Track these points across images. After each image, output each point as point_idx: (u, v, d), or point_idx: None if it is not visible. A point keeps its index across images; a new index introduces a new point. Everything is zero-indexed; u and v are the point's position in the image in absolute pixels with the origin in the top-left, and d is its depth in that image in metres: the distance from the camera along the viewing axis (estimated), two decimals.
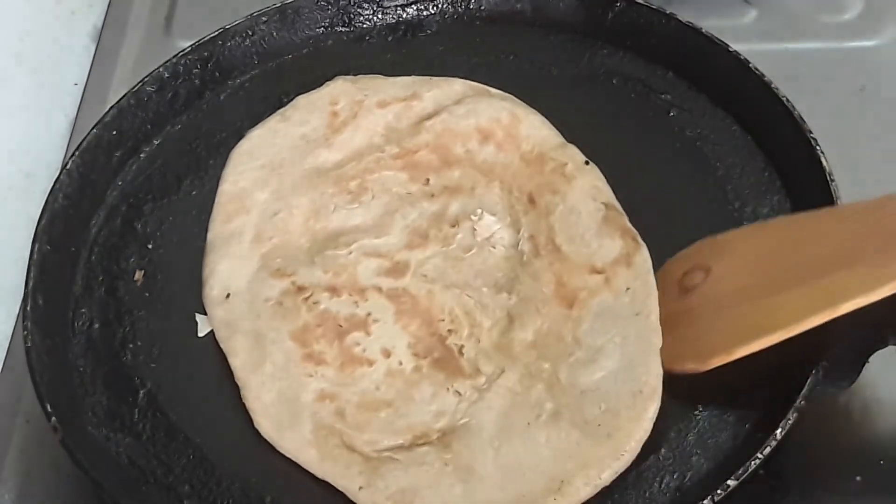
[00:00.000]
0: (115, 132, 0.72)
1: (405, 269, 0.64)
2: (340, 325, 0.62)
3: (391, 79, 0.73)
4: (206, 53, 0.75)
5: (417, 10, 0.79)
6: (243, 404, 0.61)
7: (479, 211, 0.66)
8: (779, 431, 0.55)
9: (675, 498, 0.57)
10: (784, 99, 0.67)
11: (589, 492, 0.56)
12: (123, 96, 0.73)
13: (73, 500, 0.65)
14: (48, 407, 0.59)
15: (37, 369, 0.61)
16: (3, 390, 0.71)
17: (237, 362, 0.62)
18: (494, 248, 0.65)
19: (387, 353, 0.61)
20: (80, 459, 0.58)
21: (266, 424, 0.60)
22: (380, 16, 0.79)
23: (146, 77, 0.73)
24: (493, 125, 0.69)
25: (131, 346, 0.65)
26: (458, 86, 0.72)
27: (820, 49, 0.83)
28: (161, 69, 0.74)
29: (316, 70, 0.75)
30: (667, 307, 0.61)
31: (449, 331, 0.62)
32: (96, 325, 0.65)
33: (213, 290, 0.65)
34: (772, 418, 0.57)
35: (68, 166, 0.69)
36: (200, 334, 0.64)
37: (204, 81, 0.76)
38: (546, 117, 0.71)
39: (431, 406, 0.59)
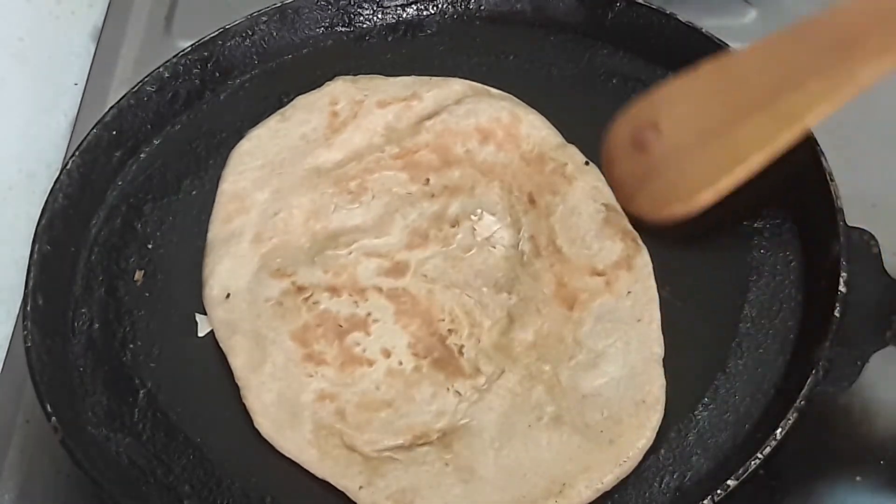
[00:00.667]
0: (115, 132, 0.72)
1: (405, 269, 0.64)
2: (340, 325, 0.62)
3: (391, 79, 0.73)
4: (206, 53, 0.75)
5: (417, 10, 0.79)
6: (243, 404, 0.61)
7: (479, 211, 0.66)
8: (779, 431, 0.55)
9: (675, 498, 0.57)
10: None
11: (590, 495, 0.56)
12: (123, 96, 0.73)
13: (73, 500, 0.65)
14: (48, 407, 0.59)
15: (37, 369, 0.61)
16: (3, 390, 0.71)
17: (237, 362, 0.62)
18: (494, 247, 0.65)
19: (387, 353, 0.61)
20: (80, 459, 0.58)
21: (266, 424, 0.60)
22: (380, 16, 0.79)
23: (146, 77, 0.73)
24: (493, 125, 0.69)
25: (131, 346, 0.65)
26: (458, 86, 0.72)
27: None
28: (161, 69, 0.74)
29: (316, 70, 0.75)
30: (626, 168, 0.62)
31: (449, 331, 0.62)
32: (96, 325, 0.65)
33: (213, 290, 0.65)
34: (772, 418, 0.57)
35: (68, 166, 0.69)
36: (200, 334, 0.64)
37: (204, 81, 0.76)
38: (546, 117, 0.71)
39: (431, 406, 0.59)
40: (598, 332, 0.61)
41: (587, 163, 0.67)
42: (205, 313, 0.65)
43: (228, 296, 0.64)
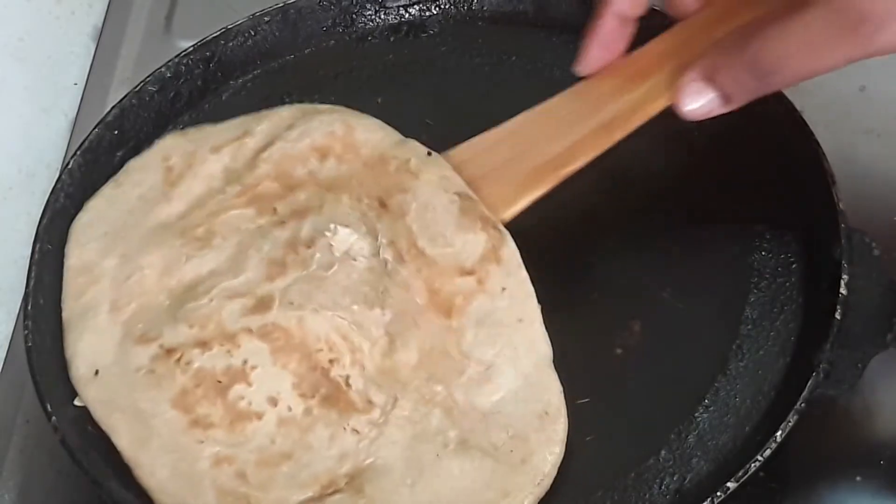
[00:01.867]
0: (116, 132, 0.71)
1: (270, 302, 0.60)
2: (219, 381, 0.58)
3: (220, 124, 0.70)
4: (208, 53, 0.75)
5: (420, 10, 0.79)
6: None
7: (332, 226, 0.62)
8: (779, 434, 0.55)
9: (674, 500, 0.57)
10: (785, 99, 0.67)
11: None
12: (125, 96, 0.73)
13: (73, 500, 0.65)
14: (48, 407, 0.59)
15: (37, 369, 0.60)
16: (3, 390, 0.71)
17: (122, 442, 0.58)
18: (356, 260, 0.62)
19: (273, 401, 0.58)
20: (80, 459, 0.58)
21: (168, 501, 0.57)
22: (382, 16, 0.79)
23: (148, 77, 0.73)
24: (328, 140, 0.67)
25: None
26: (286, 112, 0.70)
27: None
28: (163, 69, 0.74)
29: (318, 70, 0.75)
30: None
31: (330, 361, 0.59)
32: None
33: (80, 369, 0.61)
34: (772, 420, 0.57)
35: (69, 166, 0.68)
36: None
37: (206, 81, 0.75)
38: None
39: (332, 450, 0.57)
40: (482, 341, 0.59)
41: (429, 153, 0.65)
42: None
43: (97, 373, 0.60)
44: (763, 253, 0.65)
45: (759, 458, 0.55)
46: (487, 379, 0.58)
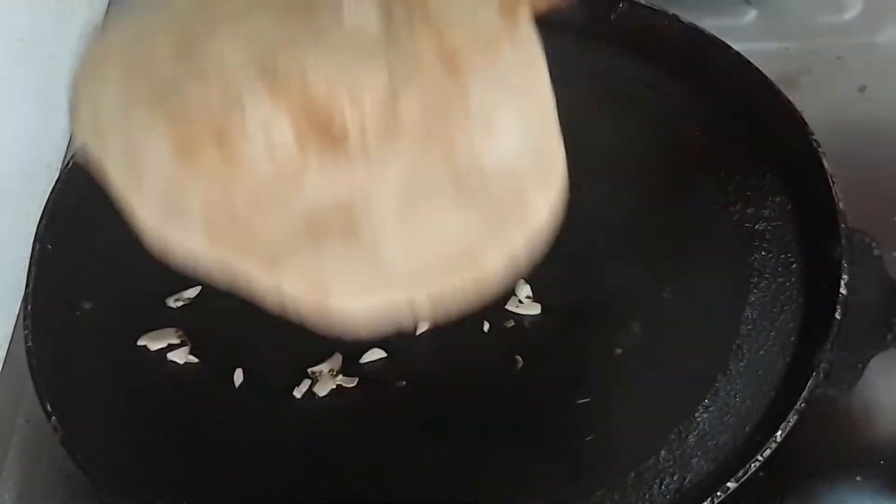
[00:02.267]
0: None
1: (273, 53, 0.58)
2: (214, 116, 0.56)
3: None
4: None
5: None
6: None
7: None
8: (779, 434, 0.55)
9: (675, 499, 0.57)
10: (785, 99, 0.67)
11: (503, 262, 0.53)
12: None
13: (73, 500, 0.65)
14: (48, 407, 0.59)
15: (37, 369, 0.61)
16: (3, 390, 0.71)
17: (116, 180, 0.56)
18: (365, 28, 0.59)
19: (267, 139, 0.55)
20: (80, 459, 0.58)
21: (161, 245, 0.54)
22: None
23: None
24: None
25: None
26: None
27: (820, 49, 0.83)
28: None
29: None
30: None
31: (328, 100, 0.56)
32: None
33: (82, 115, 0.59)
34: (772, 420, 0.57)
35: (69, 166, 0.69)
36: None
37: None
38: None
39: (324, 191, 0.55)
40: (487, 85, 0.56)
41: None
42: None
43: (97, 114, 0.59)
44: (763, 253, 0.65)
45: (759, 458, 0.55)
46: (489, 125, 0.56)
